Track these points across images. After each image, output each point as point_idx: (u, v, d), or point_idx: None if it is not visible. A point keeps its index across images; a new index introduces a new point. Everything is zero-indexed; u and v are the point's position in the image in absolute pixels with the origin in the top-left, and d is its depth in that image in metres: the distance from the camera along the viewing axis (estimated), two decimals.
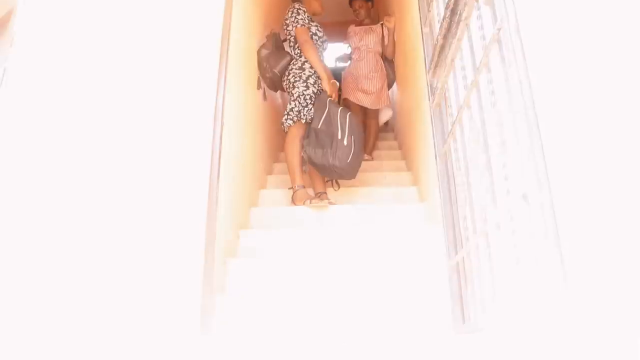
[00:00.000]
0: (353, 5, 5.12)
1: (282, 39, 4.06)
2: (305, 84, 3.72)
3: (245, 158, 3.35)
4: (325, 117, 3.55)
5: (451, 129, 2.15)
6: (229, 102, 2.68)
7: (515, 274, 1.46)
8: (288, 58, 3.85)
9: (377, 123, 4.98)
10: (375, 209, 3.39)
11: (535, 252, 1.29)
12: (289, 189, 3.68)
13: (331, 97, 3.71)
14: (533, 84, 1.32)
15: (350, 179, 3.65)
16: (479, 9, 1.78)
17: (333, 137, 3.47)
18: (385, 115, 4.97)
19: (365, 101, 4.73)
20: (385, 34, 4.92)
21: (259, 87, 3.89)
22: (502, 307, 1.59)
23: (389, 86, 4.98)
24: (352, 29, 5.03)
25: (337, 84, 3.89)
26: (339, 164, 3.40)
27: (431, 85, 2.58)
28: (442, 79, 2.32)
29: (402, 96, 4.70)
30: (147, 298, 2.10)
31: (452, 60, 2.15)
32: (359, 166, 3.64)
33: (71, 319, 2.06)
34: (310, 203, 3.43)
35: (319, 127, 3.54)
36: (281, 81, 3.88)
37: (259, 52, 3.84)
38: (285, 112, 3.73)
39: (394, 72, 5.00)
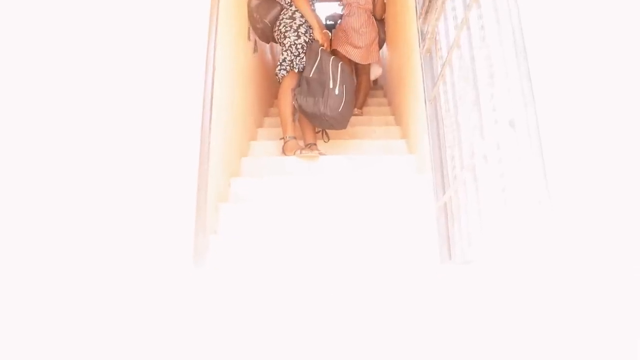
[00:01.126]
0: None
1: None
2: (296, 33, 3.71)
3: (237, 108, 3.37)
4: (317, 65, 3.55)
5: (441, 71, 2.17)
6: (220, 52, 2.68)
7: (501, 203, 1.50)
8: (278, 8, 3.82)
9: (368, 79, 5.01)
10: (365, 158, 3.43)
11: (520, 174, 1.33)
12: (280, 139, 3.71)
13: (323, 46, 3.70)
14: (521, 9, 1.35)
15: (341, 129, 3.68)
16: None
17: (325, 86, 3.48)
18: (374, 73, 4.99)
19: (354, 55, 4.73)
20: None
21: (249, 38, 3.88)
22: (488, 237, 1.64)
23: (379, 45, 4.99)
24: None
25: (329, 34, 3.89)
26: (330, 113, 3.42)
27: (422, 32, 2.59)
28: (433, 23, 2.33)
29: (392, 54, 4.71)
30: (141, 237, 2.13)
31: (443, 2, 2.17)
32: (350, 116, 3.66)
33: (71, 256, 2.09)
34: (300, 153, 3.46)
35: (310, 75, 3.54)
36: (272, 32, 3.86)
37: (249, 2, 3.82)
38: (278, 63, 3.73)
39: (384, 32, 5.00)
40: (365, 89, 4.98)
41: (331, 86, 3.46)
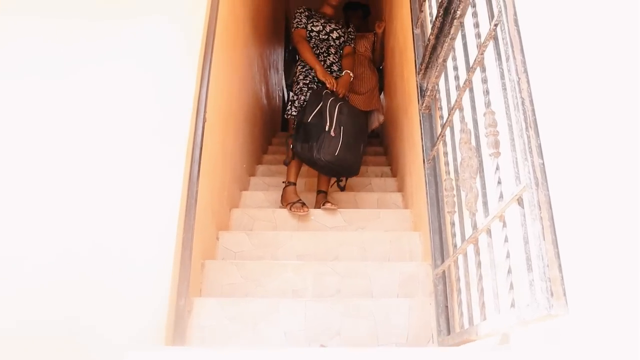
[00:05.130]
0: (346, 14, 5.11)
1: None
2: (296, 81, 3.76)
3: (228, 156, 3.23)
4: (317, 111, 3.41)
5: (441, 132, 2.07)
6: (212, 98, 2.58)
7: (507, 286, 1.37)
8: (294, 66, 3.95)
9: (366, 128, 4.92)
10: (359, 213, 3.31)
11: (531, 262, 1.20)
12: (282, 182, 3.59)
13: (330, 89, 3.58)
14: (532, 79, 1.24)
15: (349, 175, 3.54)
16: (474, 5, 1.70)
17: (321, 130, 3.32)
18: (377, 120, 4.88)
19: (357, 102, 4.65)
20: (376, 41, 4.92)
21: None
22: (491, 323, 1.50)
23: (380, 91, 4.94)
24: None
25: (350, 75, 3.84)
26: (325, 157, 3.23)
27: (421, 88, 2.50)
28: (433, 81, 2.24)
29: (390, 102, 4.63)
30: (117, 302, 1.99)
31: (444, 60, 2.07)
32: (357, 160, 3.42)
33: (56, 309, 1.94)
34: (290, 210, 3.32)
35: (309, 121, 3.39)
36: None
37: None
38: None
39: (382, 80, 4.97)
40: None
41: (327, 129, 3.31)
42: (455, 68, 1.92)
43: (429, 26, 2.44)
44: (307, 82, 3.70)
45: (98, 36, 2.39)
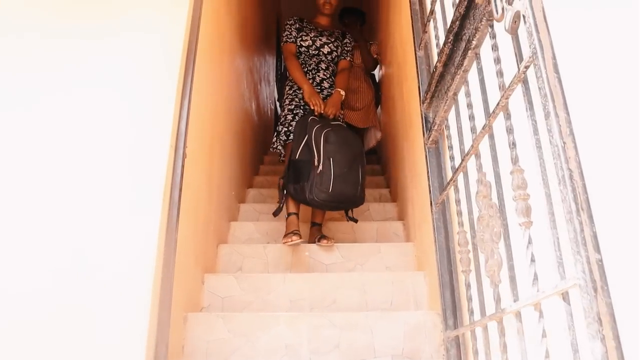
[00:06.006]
0: (342, 20, 4.88)
1: None
2: (282, 106, 3.48)
3: (213, 185, 2.94)
4: (303, 145, 3.09)
5: (452, 177, 1.80)
6: (194, 127, 2.31)
7: None
8: (285, 82, 3.66)
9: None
10: (357, 249, 3.03)
11: None
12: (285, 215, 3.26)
13: (317, 112, 3.24)
14: (580, 145, 0.98)
15: (352, 207, 3.16)
16: (494, 37, 1.44)
17: (312, 167, 2.98)
18: (375, 137, 4.61)
19: (354, 118, 4.39)
20: (374, 52, 4.73)
21: None
22: None
23: (376, 105, 4.69)
24: None
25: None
26: (319, 197, 2.90)
27: (426, 118, 2.23)
28: (441, 115, 1.97)
29: (388, 119, 4.33)
30: None
31: (455, 94, 1.81)
32: (356, 189, 3.02)
33: None
34: (283, 242, 3.01)
35: (296, 158, 3.08)
36: None
37: None
38: None
39: (379, 92, 4.72)
40: None
41: (315, 164, 2.97)
42: (470, 105, 1.66)
43: (434, 49, 2.19)
44: (292, 107, 3.41)
45: (66, 59, 2.12)
